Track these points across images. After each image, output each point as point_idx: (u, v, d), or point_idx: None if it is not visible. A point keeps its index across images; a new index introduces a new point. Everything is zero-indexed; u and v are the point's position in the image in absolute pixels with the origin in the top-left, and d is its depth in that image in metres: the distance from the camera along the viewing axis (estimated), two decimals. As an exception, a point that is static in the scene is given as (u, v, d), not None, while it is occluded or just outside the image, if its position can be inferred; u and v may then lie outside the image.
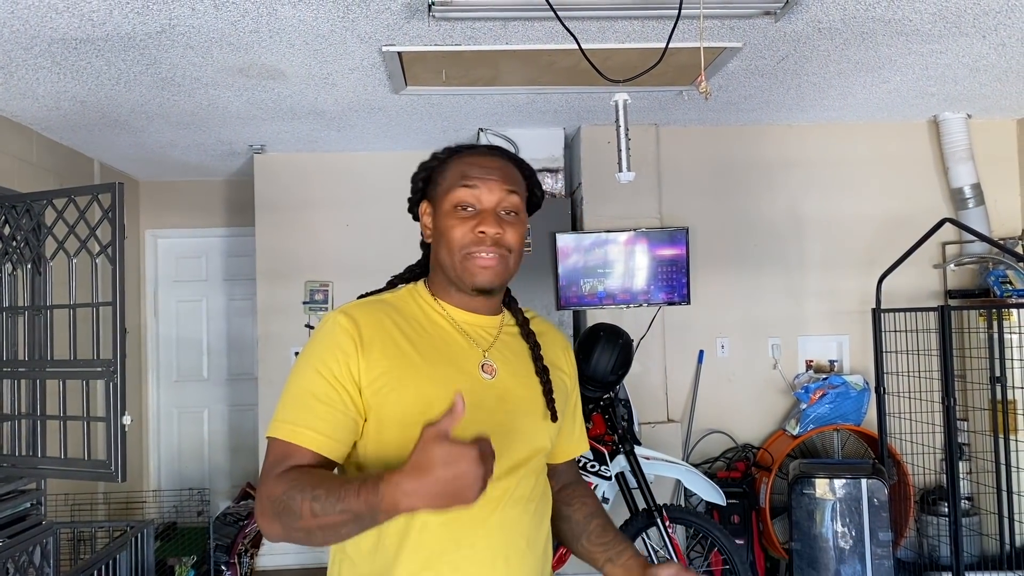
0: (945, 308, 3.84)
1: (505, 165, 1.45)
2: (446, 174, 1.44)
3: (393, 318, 1.40)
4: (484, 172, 1.41)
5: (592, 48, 3.14)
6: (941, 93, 4.18)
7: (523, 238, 1.45)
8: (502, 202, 1.41)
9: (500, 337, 1.47)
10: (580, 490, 1.63)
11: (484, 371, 1.41)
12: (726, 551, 3.64)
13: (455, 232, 1.39)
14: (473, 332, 1.45)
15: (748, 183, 4.85)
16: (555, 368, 1.52)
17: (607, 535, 1.54)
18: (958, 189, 4.63)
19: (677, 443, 4.54)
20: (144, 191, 5.86)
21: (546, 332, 1.57)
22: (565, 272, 4.53)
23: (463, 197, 1.40)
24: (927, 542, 4.34)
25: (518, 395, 1.42)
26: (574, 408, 1.61)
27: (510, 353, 1.47)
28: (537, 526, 1.42)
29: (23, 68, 3.33)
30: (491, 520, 1.34)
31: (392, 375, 1.33)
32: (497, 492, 1.33)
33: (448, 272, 1.42)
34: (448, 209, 1.41)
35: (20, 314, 3.05)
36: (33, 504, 3.00)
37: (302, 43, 3.16)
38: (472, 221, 1.39)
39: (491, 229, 1.38)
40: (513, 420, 1.39)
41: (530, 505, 1.40)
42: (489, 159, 1.44)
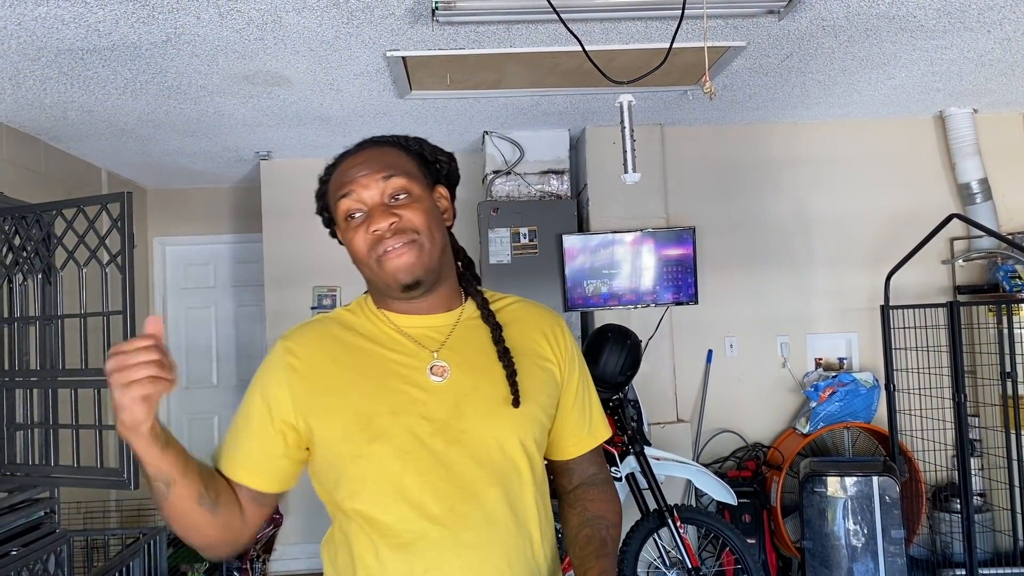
0: (954, 304, 3.83)
1: (376, 152, 1.36)
2: (330, 192, 1.37)
3: (336, 335, 1.36)
4: (354, 172, 1.33)
5: (596, 50, 3.14)
6: (947, 88, 4.17)
7: (429, 214, 1.32)
8: (385, 191, 1.31)
9: (456, 332, 1.37)
10: (591, 492, 1.47)
11: (433, 374, 1.31)
12: (738, 550, 3.63)
13: (356, 244, 1.31)
14: (421, 335, 1.35)
15: (754, 182, 4.84)
16: (531, 353, 1.39)
17: (587, 548, 1.38)
18: (965, 184, 4.62)
19: (687, 443, 4.53)
20: (152, 199, 5.89)
21: (525, 317, 1.45)
22: (572, 273, 4.53)
23: (346, 207, 1.32)
24: (940, 539, 4.33)
25: (477, 392, 1.31)
26: (577, 395, 1.46)
27: (470, 346, 1.35)
28: (523, 541, 1.30)
29: (30, 79, 3.35)
30: (459, 540, 1.24)
31: (328, 396, 1.29)
32: (465, 509, 1.25)
33: (376, 284, 1.35)
34: (343, 225, 1.34)
35: (31, 324, 3.06)
36: (47, 513, 3.02)
37: (307, 50, 3.17)
38: (365, 225, 1.30)
39: (383, 223, 1.28)
40: (467, 422, 1.28)
41: (512, 521, 1.29)
42: (357, 156, 1.36)
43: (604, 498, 1.47)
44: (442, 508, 1.24)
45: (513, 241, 4.61)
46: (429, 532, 1.24)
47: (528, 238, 4.62)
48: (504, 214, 4.61)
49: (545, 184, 4.77)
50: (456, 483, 1.25)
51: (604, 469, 1.53)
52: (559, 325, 1.47)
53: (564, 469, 1.49)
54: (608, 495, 1.48)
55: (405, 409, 1.27)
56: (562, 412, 1.44)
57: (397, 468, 1.25)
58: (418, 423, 1.26)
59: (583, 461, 1.49)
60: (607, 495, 1.48)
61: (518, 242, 4.62)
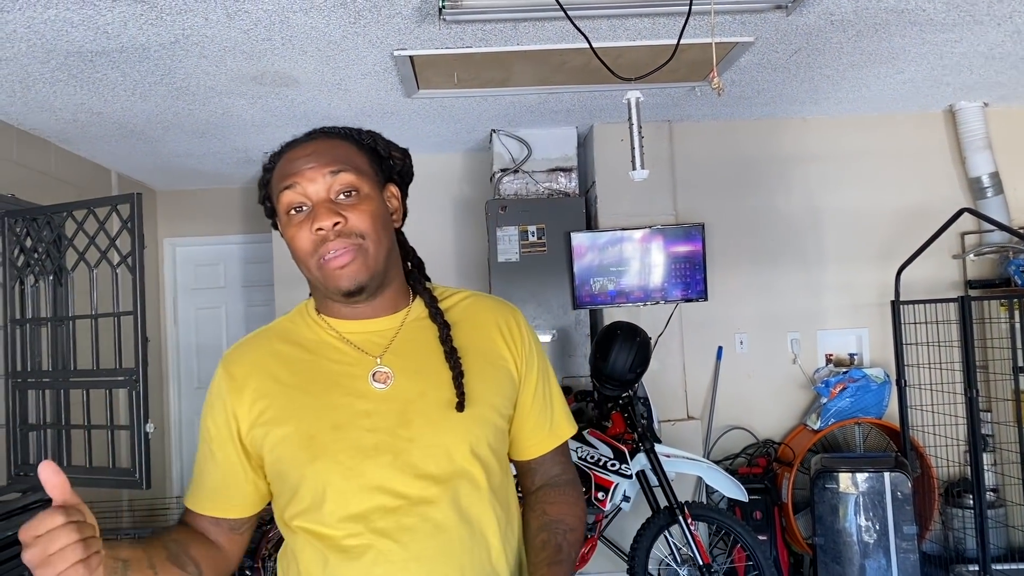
0: (965, 298, 3.81)
1: (326, 144, 1.28)
2: (273, 182, 1.30)
3: (276, 350, 1.30)
4: (300, 163, 1.25)
5: (603, 47, 3.13)
6: (957, 82, 4.15)
7: (376, 215, 1.25)
8: (331, 187, 1.24)
9: (401, 334, 1.30)
10: (552, 494, 1.40)
11: (376, 380, 1.25)
12: (749, 547, 3.63)
13: (297, 241, 1.24)
14: (364, 340, 1.29)
15: (763, 178, 4.82)
16: (484, 352, 1.33)
17: (541, 554, 1.31)
18: (976, 178, 4.59)
19: (697, 440, 4.53)
20: (161, 200, 5.91)
21: (478, 313, 1.37)
22: (580, 271, 4.53)
23: (289, 200, 1.24)
24: (952, 535, 4.31)
25: (424, 398, 1.25)
26: (536, 393, 1.39)
27: (416, 348, 1.29)
28: (479, 551, 1.24)
29: (40, 82, 3.36)
30: (407, 553, 1.19)
31: (269, 415, 1.25)
32: (412, 519, 1.20)
33: (316, 285, 1.28)
34: (285, 220, 1.26)
35: (43, 325, 3.08)
36: (60, 513, 3.03)
37: (314, 50, 3.18)
38: (308, 222, 1.23)
39: (327, 221, 1.21)
40: (415, 431, 1.22)
41: (464, 529, 1.23)
42: (303, 147, 1.28)
43: (565, 500, 1.40)
44: (389, 521, 1.20)
45: (521, 239, 4.61)
46: (376, 545, 1.20)
47: (536, 236, 4.62)
48: (512, 212, 4.61)
49: (553, 182, 4.76)
50: (403, 495, 1.20)
51: (568, 469, 1.45)
52: (515, 318, 1.40)
53: (527, 469, 1.44)
54: (570, 497, 1.41)
55: (348, 423, 1.22)
56: (521, 411, 1.37)
57: (341, 485, 1.21)
58: (362, 436, 1.21)
59: (545, 461, 1.42)
60: (569, 497, 1.41)
61: (526, 240, 4.61)
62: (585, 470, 3.63)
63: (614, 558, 4.10)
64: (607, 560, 4.15)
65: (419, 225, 1.65)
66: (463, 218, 5.19)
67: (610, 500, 3.58)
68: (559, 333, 4.61)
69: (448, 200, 5.18)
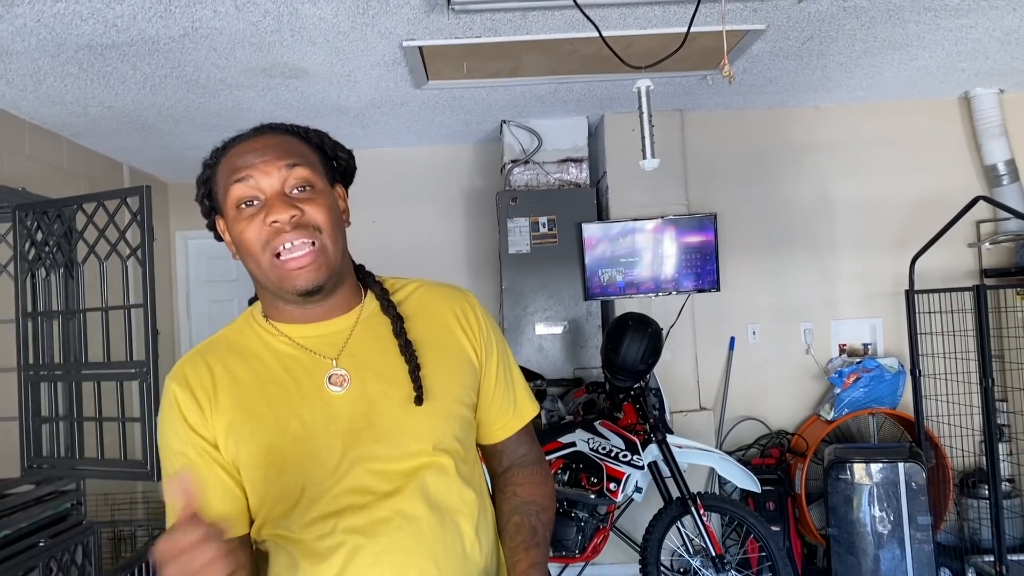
0: (981, 287, 3.77)
1: (277, 139, 1.25)
2: (219, 177, 1.24)
3: (226, 361, 1.25)
4: (253, 156, 1.21)
5: (613, 35, 3.11)
6: (972, 68, 4.10)
7: (332, 211, 1.22)
8: (286, 181, 1.20)
9: (356, 333, 1.27)
10: (521, 475, 1.40)
11: (332, 383, 1.22)
12: (762, 538, 3.61)
13: (248, 235, 1.19)
14: (317, 344, 1.25)
15: (776, 167, 4.79)
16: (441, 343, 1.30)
17: (516, 538, 1.32)
18: (991, 166, 4.54)
19: (710, 431, 4.51)
20: (173, 193, 5.92)
21: (432, 303, 1.34)
22: (592, 262, 4.51)
23: (240, 193, 1.20)
24: (968, 525, 4.28)
25: (386, 398, 1.22)
26: (498, 376, 1.37)
27: (372, 346, 1.26)
28: (451, 539, 1.23)
29: (51, 76, 3.37)
30: (377, 547, 1.18)
31: (235, 430, 1.20)
32: (382, 513, 1.19)
33: (266, 284, 1.23)
34: (233, 214, 1.21)
35: (54, 318, 3.09)
36: (73, 504, 3.05)
37: (323, 41, 3.17)
38: (260, 215, 1.18)
39: (283, 214, 1.17)
40: (380, 432, 1.20)
41: (433, 517, 1.21)
42: (255, 140, 1.24)
43: (534, 480, 1.40)
44: (359, 518, 1.19)
45: (532, 230, 4.60)
46: (348, 541, 1.18)
47: (547, 227, 4.60)
48: (523, 203, 4.60)
49: (564, 172, 4.74)
50: (372, 492, 1.19)
51: (535, 448, 1.45)
52: (469, 304, 1.37)
53: (493, 452, 1.42)
54: (539, 476, 1.41)
55: (311, 433, 1.19)
56: (484, 396, 1.36)
57: (311, 493, 1.19)
58: (327, 443, 1.19)
59: (511, 443, 1.41)
60: (538, 477, 1.41)
61: (537, 231, 4.60)
62: (597, 461, 3.62)
63: (626, 549, 4.09)
64: (619, 551, 4.15)
65: (430, 217, 1.63)
66: (473, 210, 5.18)
67: (622, 491, 3.58)
68: (570, 324, 4.60)
69: (458, 192, 5.17)
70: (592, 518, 3.65)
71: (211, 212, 1.30)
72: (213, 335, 1.32)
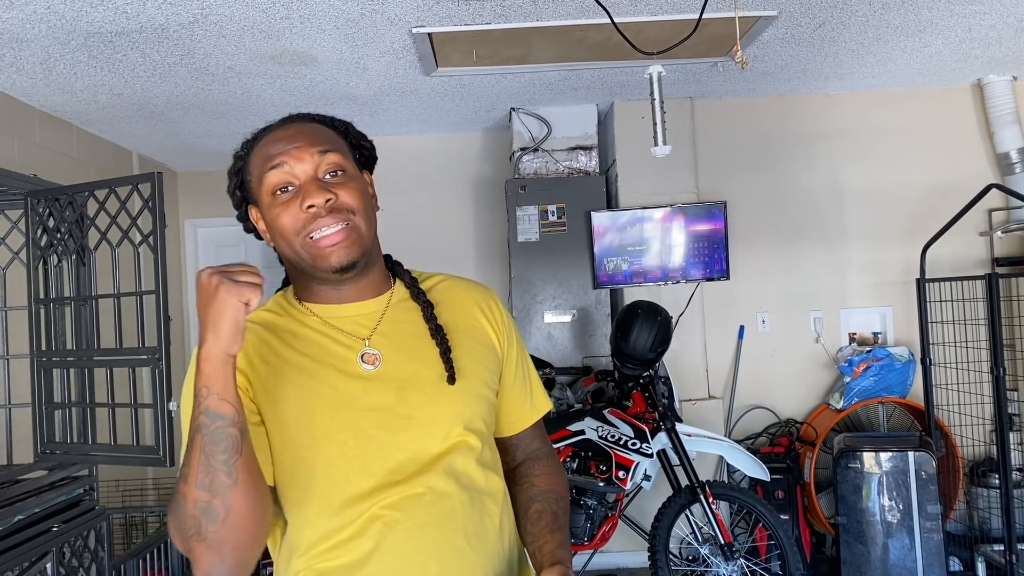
0: (992, 276, 3.75)
1: (307, 127, 1.29)
2: (251, 167, 1.29)
3: (261, 335, 1.27)
4: (285, 144, 1.25)
5: (624, 21, 3.09)
6: (985, 55, 4.07)
7: (364, 195, 1.27)
8: (319, 166, 1.24)
9: (387, 315, 1.31)
10: (536, 467, 1.44)
11: (365, 362, 1.25)
12: (771, 526, 3.62)
13: (283, 220, 1.23)
14: (349, 324, 1.28)
15: (787, 154, 4.77)
16: (468, 329, 1.35)
17: (539, 523, 1.36)
18: (1004, 154, 4.51)
19: (719, 420, 4.51)
20: (182, 181, 5.93)
21: (457, 294, 1.40)
22: (601, 250, 4.50)
23: (275, 180, 1.24)
24: (977, 514, 4.27)
25: (418, 377, 1.26)
26: (517, 369, 1.42)
27: (403, 329, 1.30)
28: (480, 516, 1.25)
29: (61, 63, 3.37)
30: (411, 521, 1.19)
31: (267, 397, 1.22)
32: (414, 490, 1.20)
33: (301, 266, 1.26)
34: (268, 201, 1.25)
35: (66, 304, 3.10)
36: (86, 490, 3.07)
37: (333, 28, 3.16)
38: (296, 200, 1.23)
39: (319, 198, 1.21)
40: (412, 408, 1.23)
41: (464, 495, 1.24)
42: (285, 129, 1.28)
43: (550, 471, 1.44)
44: (392, 496, 1.20)
45: (541, 218, 4.59)
46: (382, 517, 1.19)
47: (556, 215, 4.59)
48: (532, 191, 4.59)
49: (573, 160, 4.73)
50: (406, 470, 1.21)
51: (547, 443, 1.49)
52: (492, 299, 1.43)
53: (508, 446, 1.45)
54: (554, 468, 1.46)
55: (346, 404, 1.22)
56: (504, 386, 1.40)
57: (344, 466, 1.20)
58: (361, 416, 1.21)
59: (526, 436, 1.45)
60: (552, 468, 1.45)
61: (546, 219, 4.59)
62: (606, 449, 3.62)
63: (635, 536, 4.10)
64: (628, 539, 4.15)
65: (438, 205, 1.64)
66: (482, 198, 5.17)
67: (631, 479, 3.58)
68: (579, 313, 4.60)
69: (467, 179, 5.16)
70: (601, 506, 3.65)
71: (243, 203, 1.34)
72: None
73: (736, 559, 3.59)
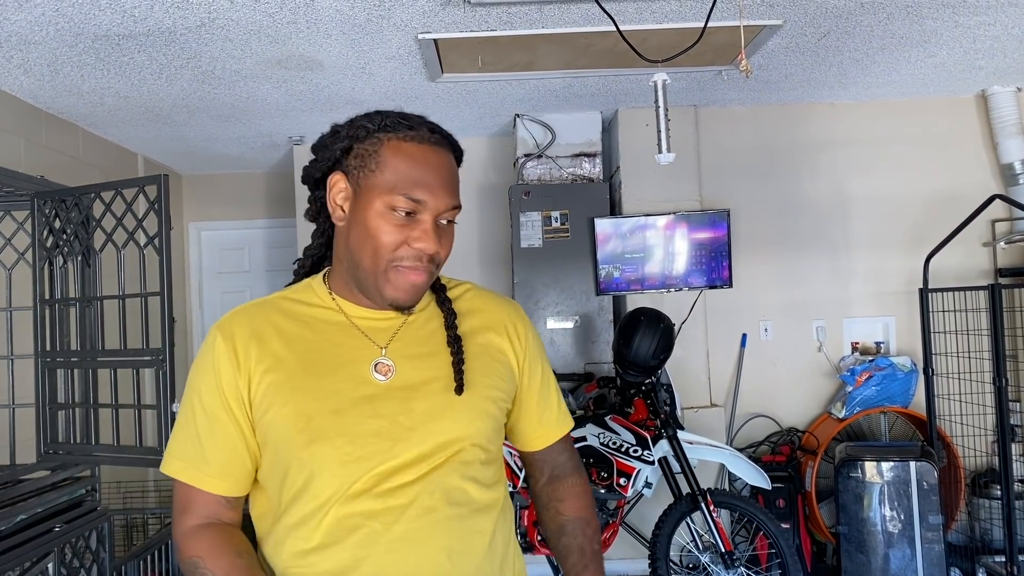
0: (995, 287, 3.75)
1: (449, 162, 1.27)
2: (382, 160, 1.23)
3: (276, 324, 1.27)
4: (433, 177, 1.22)
5: (630, 29, 3.11)
6: (990, 66, 4.07)
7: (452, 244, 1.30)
8: (444, 212, 1.24)
9: (408, 322, 1.31)
10: (561, 488, 1.45)
11: (377, 372, 1.25)
12: (772, 535, 3.61)
13: (386, 236, 1.21)
14: (371, 328, 1.29)
15: (790, 163, 4.77)
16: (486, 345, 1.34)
17: (569, 559, 1.40)
18: (1008, 165, 4.52)
19: (721, 428, 4.51)
20: (187, 184, 5.96)
21: (483, 308, 1.39)
22: (604, 257, 4.51)
23: (405, 205, 1.21)
24: (979, 525, 4.26)
25: (426, 387, 1.26)
26: (542, 386, 1.43)
27: (421, 337, 1.30)
28: (468, 533, 1.24)
29: (68, 65, 3.39)
30: (393, 533, 1.19)
31: (271, 392, 1.22)
32: (399, 500, 1.20)
33: (362, 276, 1.26)
34: (381, 210, 1.21)
35: (72, 305, 3.12)
36: (88, 491, 3.08)
37: (339, 33, 3.18)
38: (407, 230, 1.21)
39: (430, 246, 1.22)
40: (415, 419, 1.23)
41: (453, 510, 1.22)
42: (433, 151, 1.25)
43: (575, 493, 1.46)
44: (378, 504, 1.19)
45: (544, 225, 4.60)
46: (364, 526, 1.19)
47: (560, 222, 4.60)
48: (535, 197, 4.60)
49: (577, 167, 4.74)
50: (396, 480, 1.20)
51: (574, 456, 1.50)
52: (519, 317, 1.42)
53: (534, 460, 1.47)
54: (579, 488, 1.46)
55: (349, 409, 1.22)
56: (527, 405, 1.41)
57: (336, 470, 1.19)
58: (362, 422, 1.21)
59: (553, 450, 1.46)
60: (578, 488, 1.46)
61: (549, 226, 4.60)
62: (607, 456, 3.63)
63: (635, 544, 4.09)
64: (628, 546, 4.15)
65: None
66: (486, 203, 5.18)
67: (632, 486, 3.58)
68: (582, 319, 4.60)
69: (471, 185, 5.17)
70: (602, 513, 3.65)
71: (330, 170, 1.29)
72: (269, 295, 1.35)
73: (737, 567, 3.58)
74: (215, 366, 1.24)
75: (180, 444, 1.26)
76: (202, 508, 1.24)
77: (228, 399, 1.23)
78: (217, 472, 1.23)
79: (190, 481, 1.24)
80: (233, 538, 1.24)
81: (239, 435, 1.24)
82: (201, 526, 1.23)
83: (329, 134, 1.30)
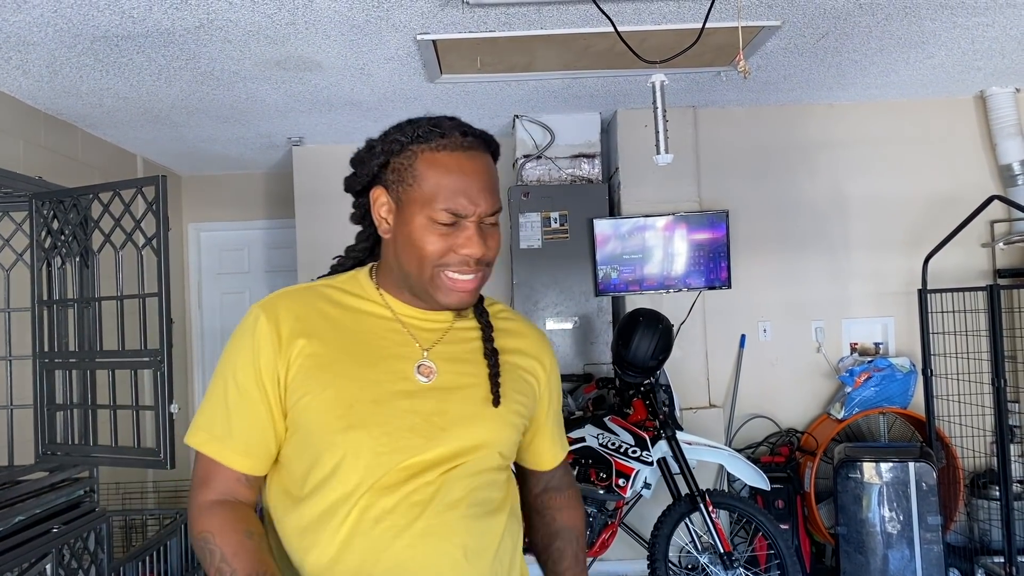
0: (994, 287, 3.75)
1: (488, 168, 1.27)
2: (418, 173, 1.23)
3: (321, 309, 1.28)
4: (470, 182, 1.23)
5: (628, 30, 3.11)
6: (988, 67, 4.08)
7: (500, 242, 1.30)
8: (486, 214, 1.25)
9: (452, 330, 1.34)
10: (558, 499, 1.52)
11: (420, 373, 1.27)
12: (770, 536, 3.61)
13: (431, 245, 1.23)
14: (417, 328, 1.31)
15: (789, 164, 4.77)
16: (517, 362, 1.39)
17: (561, 563, 1.47)
18: (1007, 166, 4.52)
19: (720, 428, 4.50)
20: (186, 185, 5.96)
21: (517, 329, 1.43)
22: (603, 258, 4.51)
23: (446, 219, 1.22)
24: (978, 526, 4.26)
25: (462, 392, 1.29)
26: (554, 410, 1.50)
27: (460, 345, 1.33)
28: (482, 533, 1.26)
29: (67, 66, 3.39)
30: (415, 528, 1.20)
31: (312, 374, 1.23)
32: (421, 496, 1.22)
33: (412, 282, 1.28)
34: (424, 222, 1.23)
35: (70, 306, 3.12)
36: (86, 492, 3.07)
37: (338, 34, 3.18)
38: (451, 239, 1.23)
39: (476, 251, 1.23)
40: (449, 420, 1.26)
41: (471, 509, 1.25)
42: (470, 159, 1.24)
43: (570, 505, 1.53)
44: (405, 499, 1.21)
45: (544, 225, 4.60)
46: (387, 519, 1.20)
47: (559, 222, 4.60)
48: (535, 198, 4.60)
49: (576, 168, 4.74)
50: (424, 476, 1.22)
51: (571, 472, 1.60)
52: (545, 343, 1.48)
53: (532, 475, 1.53)
54: (574, 502, 1.55)
55: (388, 401, 1.23)
56: (542, 425, 1.47)
57: (369, 459, 1.21)
58: (399, 416, 1.23)
59: (558, 470, 1.54)
60: (573, 501, 1.55)
61: (549, 226, 4.60)
62: (606, 456, 3.62)
63: (634, 545, 4.09)
64: (627, 547, 4.15)
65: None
66: (485, 204, 5.18)
67: (631, 487, 3.58)
68: (581, 320, 4.60)
69: (470, 186, 5.17)
70: (601, 514, 3.65)
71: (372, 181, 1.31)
72: (311, 282, 1.36)
73: (735, 568, 3.58)
74: (255, 344, 1.24)
75: (207, 417, 1.27)
76: (220, 484, 1.25)
77: (263, 378, 1.23)
78: (241, 448, 1.24)
79: (212, 455, 1.25)
80: (246, 517, 1.24)
81: (268, 415, 1.24)
82: (216, 502, 1.24)
83: (365, 149, 1.32)
